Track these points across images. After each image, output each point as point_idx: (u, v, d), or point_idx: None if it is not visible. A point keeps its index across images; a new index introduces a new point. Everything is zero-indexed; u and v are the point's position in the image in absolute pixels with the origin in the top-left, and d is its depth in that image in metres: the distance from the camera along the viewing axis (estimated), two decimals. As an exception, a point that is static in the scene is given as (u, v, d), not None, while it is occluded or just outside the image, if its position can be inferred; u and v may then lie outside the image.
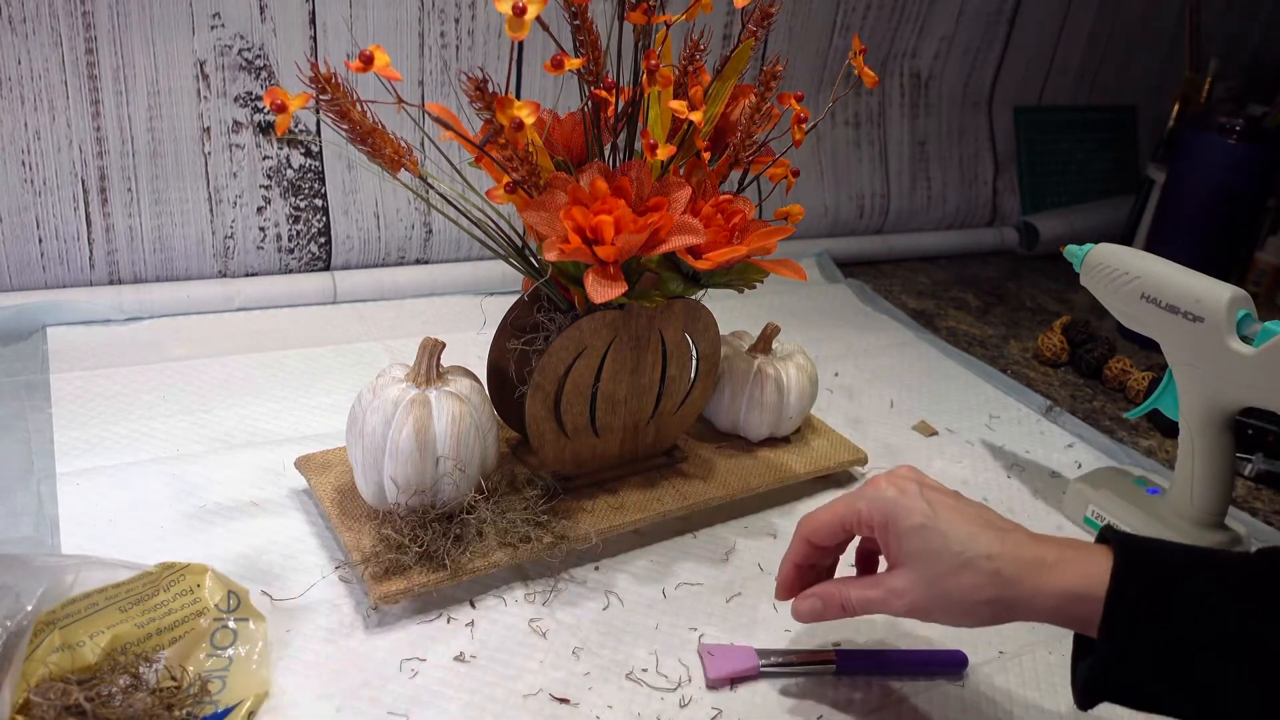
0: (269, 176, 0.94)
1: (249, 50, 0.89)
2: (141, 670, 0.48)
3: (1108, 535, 0.48)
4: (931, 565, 0.49)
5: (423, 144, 0.97)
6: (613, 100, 0.60)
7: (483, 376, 0.65)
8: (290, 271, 0.98)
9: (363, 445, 0.59)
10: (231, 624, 0.52)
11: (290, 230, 0.97)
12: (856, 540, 0.57)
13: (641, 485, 0.69)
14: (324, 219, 0.98)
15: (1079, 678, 0.48)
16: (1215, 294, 0.65)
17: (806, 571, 0.56)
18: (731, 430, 0.76)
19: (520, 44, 1.00)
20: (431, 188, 0.57)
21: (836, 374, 0.96)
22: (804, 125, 0.62)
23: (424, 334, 0.61)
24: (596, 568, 0.64)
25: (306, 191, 0.97)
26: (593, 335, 0.61)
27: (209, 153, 0.91)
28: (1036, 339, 1.08)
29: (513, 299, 0.67)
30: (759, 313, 1.06)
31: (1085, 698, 0.47)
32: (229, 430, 0.74)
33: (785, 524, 0.72)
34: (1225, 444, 0.68)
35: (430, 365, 0.60)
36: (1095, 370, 1.02)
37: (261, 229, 0.95)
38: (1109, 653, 0.45)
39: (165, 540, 0.62)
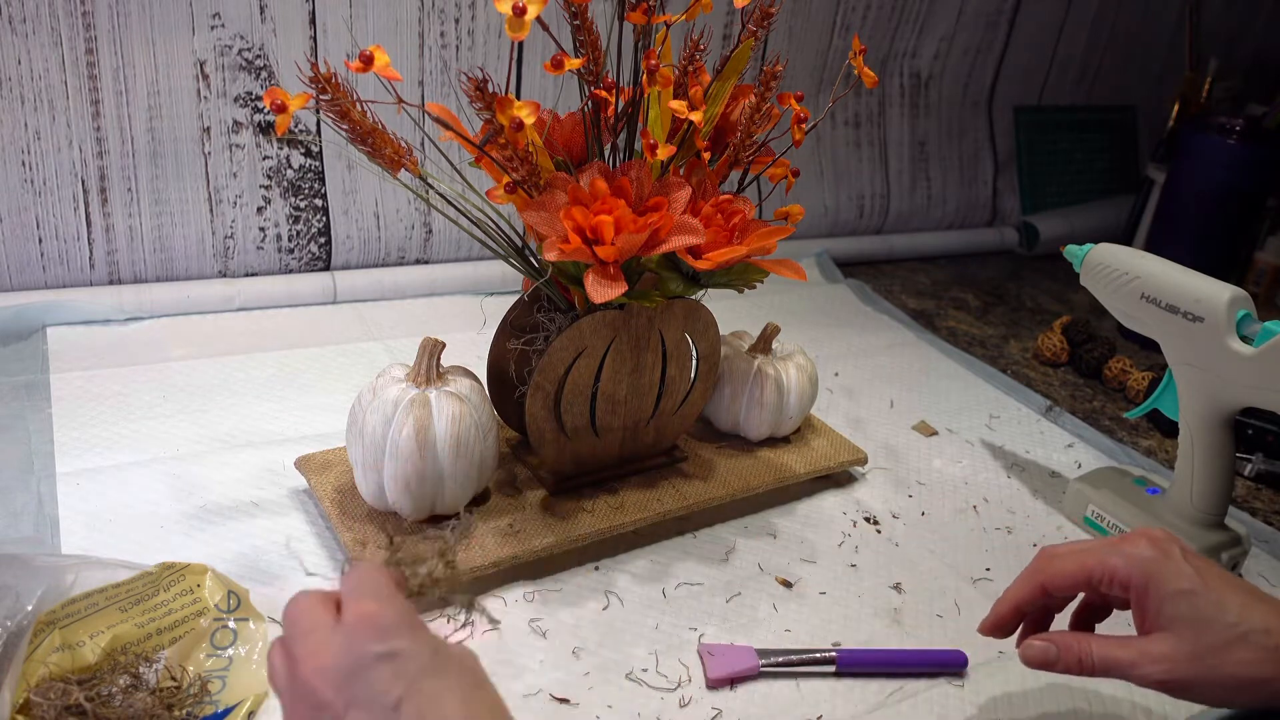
0: (269, 176, 0.94)
1: (249, 50, 0.89)
2: (141, 670, 0.49)
3: None
4: (1200, 636, 0.45)
5: (423, 144, 0.97)
6: (613, 100, 0.60)
7: (483, 376, 0.65)
8: (290, 271, 0.98)
9: (363, 445, 0.59)
10: (231, 624, 0.52)
11: (290, 230, 0.97)
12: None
13: (641, 485, 0.69)
14: (324, 219, 0.98)
15: None
16: (1215, 294, 0.65)
17: (1023, 616, 0.52)
18: (731, 430, 0.76)
19: (520, 44, 1.00)
20: (431, 188, 0.57)
21: (836, 374, 0.96)
22: (804, 125, 0.62)
23: (424, 334, 0.61)
24: (596, 568, 0.64)
25: (306, 191, 0.97)
26: (593, 335, 0.61)
27: (209, 153, 0.91)
28: (1036, 339, 1.08)
29: (513, 299, 0.67)
30: (759, 313, 1.06)
31: None
32: (229, 430, 0.74)
33: (785, 524, 0.72)
34: (1225, 444, 0.68)
35: (430, 365, 0.60)
36: (1095, 370, 1.02)
37: (261, 229, 0.95)
38: None
39: (165, 540, 0.62)
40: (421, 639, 0.37)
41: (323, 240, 0.99)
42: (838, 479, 0.78)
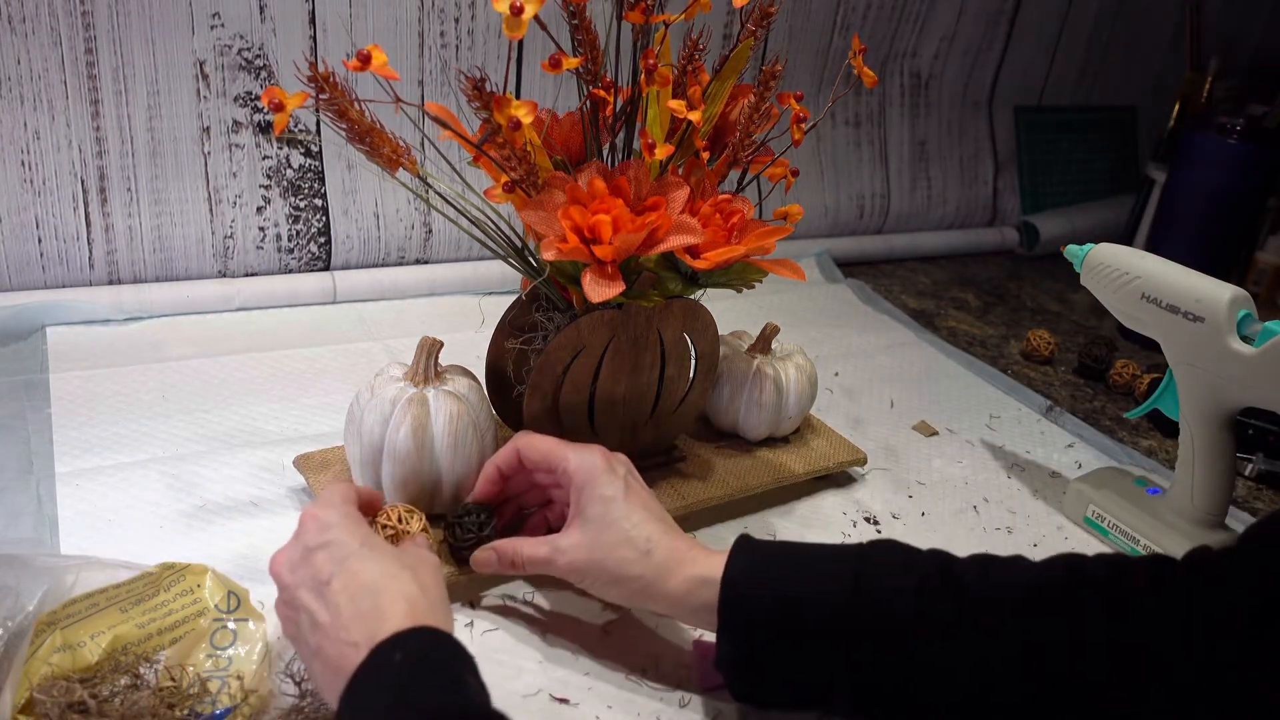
0: (269, 176, 0.94)
1: (249, 50, 0.89)
2: (142, 670, 0.49)
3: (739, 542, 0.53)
4: (600, 533, 0.53)
5: (422, 144, 0.97)
6: (611, 100, 0.60)
7: (481, 376, 0.65)
8: (290, 271, 0.98)
9: (361, 444, 0.59)
10: (231, 624, 0.52)
11: (290, 230, 0.97)
12: None
13: (641, 485, 0.69)
14: (324, 219, 0.98)
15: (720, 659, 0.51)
16: (1215, 294, 0.65)
17: (504, 482, 0.59)
18: (730, 430, 0.76)
19: (520, 43, 1.00)
20: (430, 187, 0.57)
21: (836, 374, 0.96)
22: (803, 125, 0.62)
23: (423, 334, 0.61)
24: (596, 567, 0.64)
25: (306, 191, 0.97)
26: (591, 335, 0.61)
27: (209, 152, 0.91)
28: (1025, 342, 1.07)
29: (511, 298, 0.67)
30: (758, 313, 1.06)
31: (732, 687, 0.52)
32: (229, 430, 0.75)
33: (785, 524, 0.72)
34: (1225, 444, 0.68)
35: (428, 364, 0.60)
36: (1097, 373, 1.02)
37: (261, 229, 0.95)
38: (728, 623, 0.50)
39: (165, 540, 0.62)
40: (354, 532, 0.48)
41: (322, 240, 0.99)
42: (837, 479, 0.78)
